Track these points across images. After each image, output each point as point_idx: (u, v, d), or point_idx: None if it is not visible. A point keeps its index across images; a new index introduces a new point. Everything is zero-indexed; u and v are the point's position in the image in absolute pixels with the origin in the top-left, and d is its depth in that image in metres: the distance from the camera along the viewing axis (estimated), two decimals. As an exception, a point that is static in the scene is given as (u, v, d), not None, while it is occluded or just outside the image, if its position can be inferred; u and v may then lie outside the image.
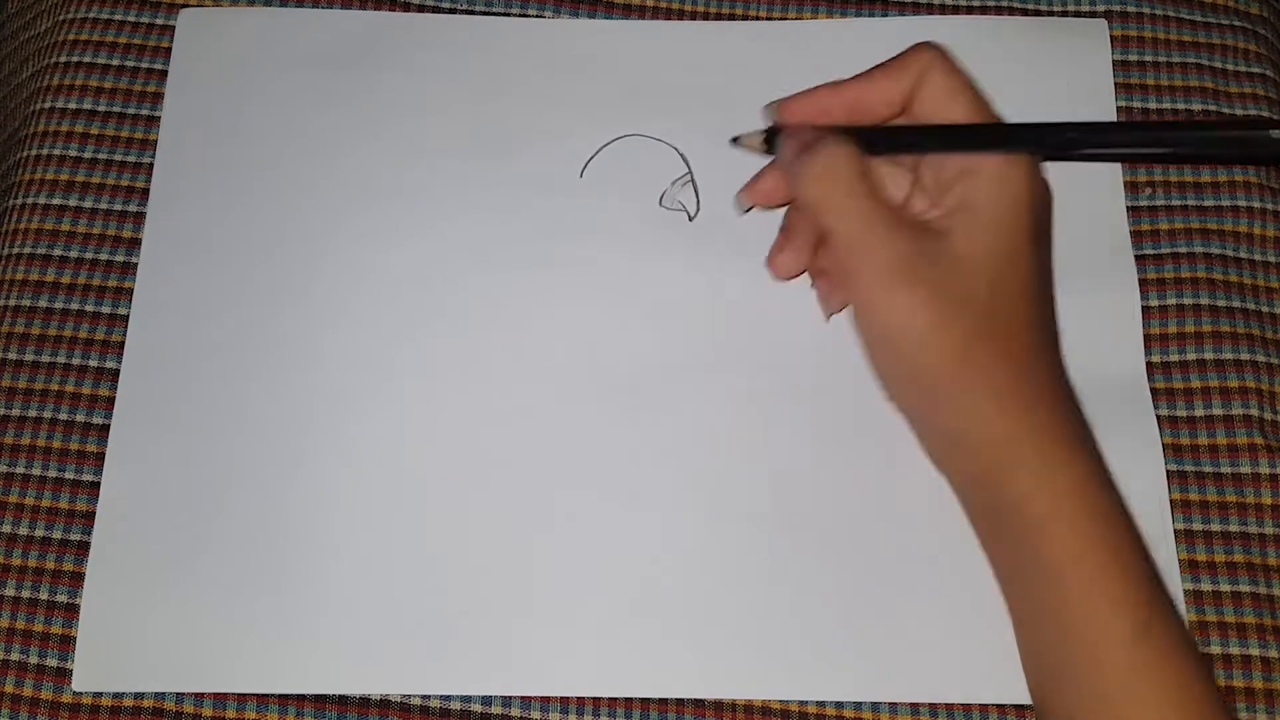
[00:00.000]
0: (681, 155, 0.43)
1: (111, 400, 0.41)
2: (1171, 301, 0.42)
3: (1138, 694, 0.32)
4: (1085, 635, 0.33)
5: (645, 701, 0.38)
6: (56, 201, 0.44)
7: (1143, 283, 0.42)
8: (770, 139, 0.39)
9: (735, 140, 0.40)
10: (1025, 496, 0.34)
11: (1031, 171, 0.35)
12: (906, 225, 0.35)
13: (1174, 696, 0.32)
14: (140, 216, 0.43)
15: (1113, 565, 0.33)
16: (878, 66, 0.37)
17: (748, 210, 0.42)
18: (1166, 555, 0.39)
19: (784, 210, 0.41)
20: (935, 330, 0.34)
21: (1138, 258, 0.42)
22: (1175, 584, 0.38)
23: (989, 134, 0.36)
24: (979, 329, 0.34)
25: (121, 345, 0.41)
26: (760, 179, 0.40)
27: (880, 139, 0.37)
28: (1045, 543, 0.34)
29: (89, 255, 0.43)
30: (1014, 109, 0.37)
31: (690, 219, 0.42)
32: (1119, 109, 0.44)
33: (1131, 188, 0.43)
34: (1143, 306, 0.42)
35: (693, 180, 0.41)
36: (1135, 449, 0.40)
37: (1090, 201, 0.43)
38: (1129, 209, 0.43)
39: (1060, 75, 0.45)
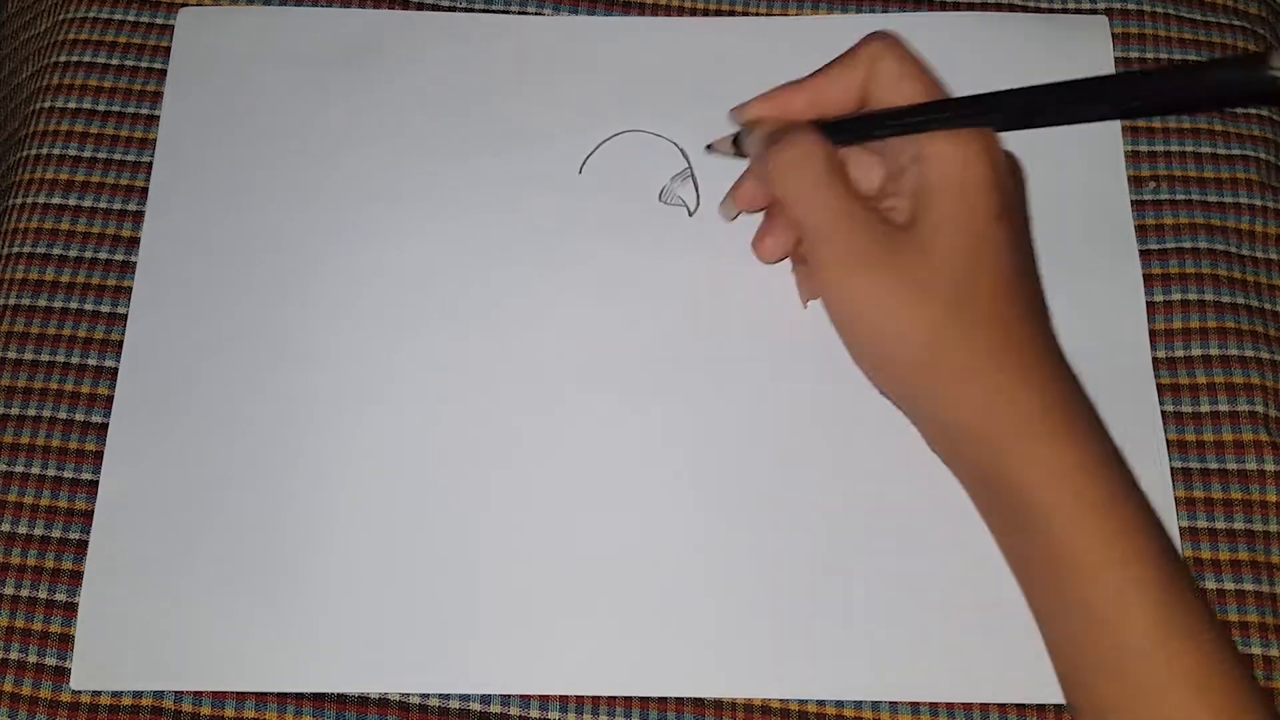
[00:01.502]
0: (681, 150, 0.43)
1: (110, 399, 0.41)
2: (1176, 297, 0.42)
3: (1161, 679, 0.32)
4: (1104, 625, 0.33)
5: (645, 701, 0.38)
6: (56, 201, 0.44)
7: (1147, 278, 0.42)
8: (739, 141, 0.39)
9: (709, 148, 0.41)
10: (1023, 487, 0.34)
11: (986, 149, 0.34)
12: (873, 216, 0.35)
13: (1199, 677, 0.32)
14: (140, 216, 0.43)
15: (1123, 552, 0.33)
16: (833, 60, 0.37)
17: (735, 217, 0.42)
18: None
19: None
20: (898, 319, 0.34)
21: (1142, 253, 0.42)
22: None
23: (941, 110, 0.35)
24: (948, 316, 0.34)
25: (120, 344, 0.41)
26: (741, 184, 0.40)
27: (840, 129, 0.37)
28: (1051, 535, 0.33)
29: (88, 254, 0.43)
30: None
31: (690, 214, 0.42)
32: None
33: (1135, 182, 0.43)
34: (1147, 302, 0.42)
35: (693, 175, 0.41)
36: (1140, 445, 0.39)
37: (1094, 197, 0.43)
38: (1133, 204, 0.43)
39: (1062, 71, 0.44)
